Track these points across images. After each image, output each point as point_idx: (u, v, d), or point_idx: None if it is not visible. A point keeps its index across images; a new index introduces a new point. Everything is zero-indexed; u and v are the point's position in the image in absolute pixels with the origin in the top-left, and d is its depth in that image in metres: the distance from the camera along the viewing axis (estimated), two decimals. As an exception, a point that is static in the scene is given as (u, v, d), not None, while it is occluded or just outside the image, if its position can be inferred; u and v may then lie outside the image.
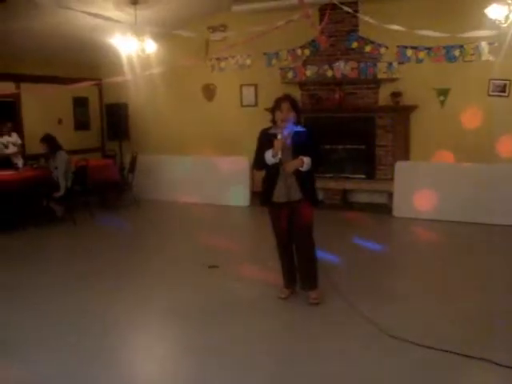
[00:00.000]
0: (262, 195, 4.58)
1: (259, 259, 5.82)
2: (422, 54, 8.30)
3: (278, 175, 4.38)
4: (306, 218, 4.44)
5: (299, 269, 4.60)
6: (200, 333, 4.08)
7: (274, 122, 4.44)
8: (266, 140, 4.39)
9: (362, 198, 8.99)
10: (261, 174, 4.64)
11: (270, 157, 4.30)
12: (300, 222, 4.44)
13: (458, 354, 3.52)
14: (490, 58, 7.91)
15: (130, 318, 4.41)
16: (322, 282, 4.60)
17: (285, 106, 4.32)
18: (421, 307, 4.49)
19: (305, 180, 4.40)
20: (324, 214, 4.67)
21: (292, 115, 4.32)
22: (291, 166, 4.30)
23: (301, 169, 4.31)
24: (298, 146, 4.35)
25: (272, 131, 4.40)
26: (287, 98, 4.40)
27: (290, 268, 4.65)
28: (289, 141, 4.36)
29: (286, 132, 4.34)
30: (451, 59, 8.13)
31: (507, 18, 6.08)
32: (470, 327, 4.03)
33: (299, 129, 4.40)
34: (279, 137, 4.24)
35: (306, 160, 4.29)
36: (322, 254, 4.63)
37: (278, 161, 4.28)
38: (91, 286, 5.18)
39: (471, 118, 8.14)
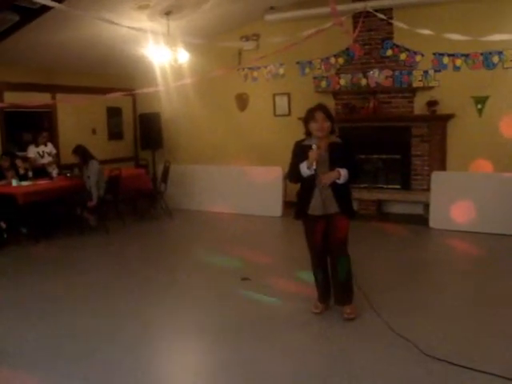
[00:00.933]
0: (297, 208, 4.48)
1: (292, 272, 5.71)
2: (458, 62, 8.11)
3: (314, 187, 4.27)
4: (341, 231, 4.32)
5: (334, 283, 4.48)
6: (233, 347, 4.00)
7: (308, 133, 4.31)
8: (300, 152, 4.27)
9: (397, 208, 8.78)
10: (294, 184, 4.54)
11: (305, 169, 4.20)
12: (335, 235, 4.33)
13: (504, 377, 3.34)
14: (531, 65, 7.69)
15: (162, 331, 4.36)
16: (356, 295, 4.46)
17: (319, 115, 4.17)
18: (460, 324, 4.30)
19: (341, 192, 4.28)
20: (358, 225, 4.56)
21: (327, 125, 4.19)
22: (328, 178, 4.18)
23: (337, 181, 4.19)
24: (335, 158, 4.23)
25: (306, 142, 4.28)
26: (321, 107, 4.25)
27: (324, 282, 4.53)
28: (326, 152, 4.24)
29: (321, 143, 4.24)
30: (490, 66, 7.93)
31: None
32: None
33: (336, 139, 4.31)
34: (314, 147, 4.12)
35: (343, 172, 4.17)
36: (356, 266, 4.48)
37: (313, 172, 4.17)
38: (121, 296, 5.17)
39: (510, 127, 7.89)
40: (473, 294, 5.06)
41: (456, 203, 7.48)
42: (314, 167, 4.13)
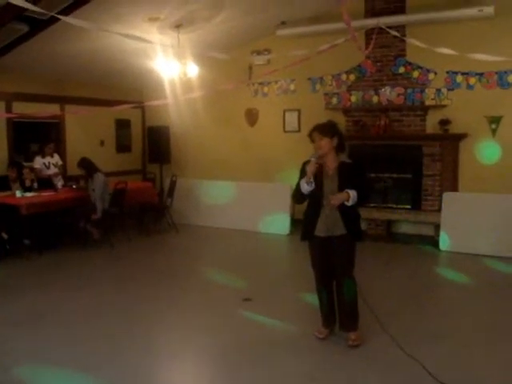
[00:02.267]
0: (303, 229, 4.33)
1: (296, 293, 5.55)
2: (472, 80, 7.96)
3: (321, 208, 4.13)
4: (347, 253, 4.17)
5: (339, 308, 4.31)
6: (232, 373, 3.84)
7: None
8: (303, 170, 4.15)
9: (407, 229, 8.58)
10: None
11: (304, 184, 4.06)
12: (342, 258, 4.17)
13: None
14: (547, 85, 7.52)
15: (159, 352, 4.20)
16: (366, 318, 4.28)
17: (315, 135, 4.13)
18: (470, 351, 4.11)
19: (349, 214, 4.13)
20: (367, 246, 4.41)
21: (324, 143, 4.07)
22: (337, 199, 4.03)
23: (346, 203, 4.03)
24: (344, 179, 4.09)
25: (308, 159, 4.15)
26: (316, 127, 4.17)
27: (329, 306, 4.35)
28: (335, 172, 4.13)
29: (327, 160, 4.13)
30: (504, 85, 7.77)
31: None
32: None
33: (346, 160, 4.18)
34: (312, 160, 4.01)
35: (352, 194, 4.01)
36: (364, 288, 4.30)
37: (311, 187, 4.02)
38: (121, 313, 5.03)
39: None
40: (485, 320, 4.88)
41: (468, 225, 7.29)
42: (311, 180, 4.00)
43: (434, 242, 7.81)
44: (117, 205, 7.87)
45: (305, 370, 3.85)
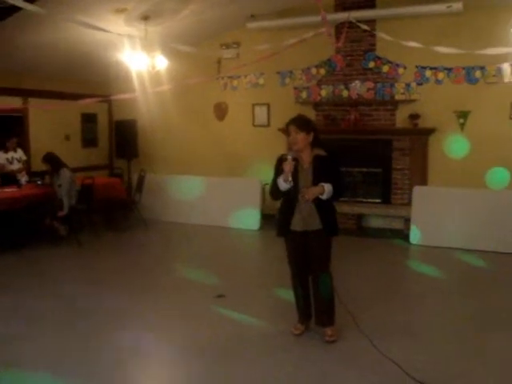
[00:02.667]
0: (279, 225, 4.25)
1: (270, 289, 5.49)
2: (441, 75, 8.03)
3: (296, 203, 4.06)
4: (324, 249, 4.13)
5: (315, 303, 4.26)
6: (207, 372, 3.75)
7: (289, 148, 4.20)
8: (280, 166, 4.06)
9: (377, 223, 8.62)
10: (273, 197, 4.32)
11: (282, 182, 4.00)
12: (318, 253, 4.12)
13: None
14: (513, 80, 7.64)
15: (132, 352, 4.08)
16: (340, 314, 4.24)
17: (291, 128, 4.06)
18: (442, 345, 4.12)
19: (324, 208, 4.08)
20: (337, 240, 4.37)
21: (300, 137, 4.01)
22: (311, 193, 3.97)
23: (321, 197, 3.99)
24: (319, 172, 4.04)
25: (284, 156, 4.08)
26: (293, 120, 4.12)
27: (305, 302, 4.30)
28: (309, 165, 4.06)
29: (303, 155, 4.08)
30: (472, 81, 7.86)
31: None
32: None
33: (320, 153, 4.10)
34: (289, 158, 3.93)
35: (327, 187, 3.97)
36: (336, 283, 4.27)
37: (290, 185, 3.97)
38: (92, 312, 4.88)
39: (492, 142, 7.82)
40: (456, 312, 4.91)
41: (437, 219, 7.37)
42: (290, 179, 3.94)
43: (404, 235, 7.87)
44: (84, 201, 7.66)
45: (283, 367, 3.78)
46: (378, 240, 7.90)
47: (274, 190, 4.16)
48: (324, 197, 3.98)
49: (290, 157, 3.95)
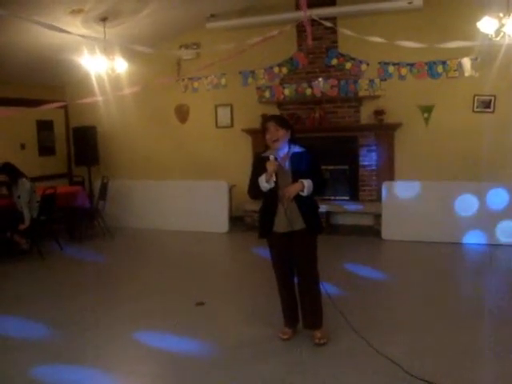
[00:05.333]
0: (261, 227, 4.12)
1: (250, 293, 5.36)
2: (404, 71, 8.05)
3: (277, 203, 3.94)
4: (309, 249, 4.02)
5: (302, 306, 4.14)
6: (195, 381, 3.58)
7: (267, 146, 4.04)
8: (259, 165, 3.96)
9: (346, 220, 8.61)
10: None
11: (264, 182, 3.87)
12: (303, 253, 4.01)
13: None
14: (474, 74, 7.74)
15: (110, 368, 3.87)
16: (328, 314, 4.15)
17: (270, 125, 3.93)
18: (431, 339, 4.09)
19: (307, 206, 3.97)
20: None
21: (281, 134, 3.91)
22: (291, 190, 3.86)
23: (301, 193, 3.87)
24: (298, 169, 3.93)
25: (265, 154, 3.98)
26: (273, 117, 4.10)
27: (291, 305, 4.18)
28: (287, 163, 3.96)
29: (281, 153, 3.96)
30: (434, 75, 7.91)
31: (498, 31, 5.88)
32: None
33: (298, 149, 4.00)
34: (272, 158, 3.83)
35: (307, 183, 3.85)
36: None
37: (272, 185, 3.85)
38: (59, 327, 4.62)
39: (456, 135, 7.93)
40: (436, 306, 4.92)
41: (407, 213, 7.40)
42: (274, 179, 3.82)
43: (374, 231, 7.88)
44: (46, 212, 7.32)
45: (274, 373, 3.66)
46: (350, 237, 7.88)
47: (254, 190, 4.03)
48: (304, 193, 3.87)
49: (272, 156, 3.85)
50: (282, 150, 3.98)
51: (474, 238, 7.04)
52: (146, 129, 9.78)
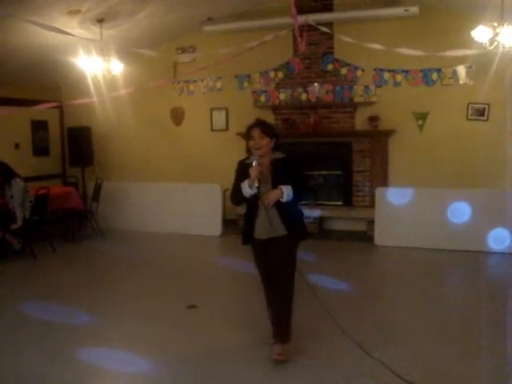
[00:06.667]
0: (243, 233, 4.02)
1: (242, 297, 5.36)
2: (399, 78, 8.12)
3: (258, 209, 3.86)
4: (287, 256, 3.88)
5: (272, 313, 3.99)
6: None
7: (248, 150, 3.94)
8: (242, 171, 3.88)
9: (340, 225, 8.61)
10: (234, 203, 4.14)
11: (246, 188, 3.78)
12: (280, 260, 3.88)
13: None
14: (468, 82, 7.80)
15: (96, 372, 3.86)
16: (319, 321, 4.15)
17: (255, 132, 3.83)
18: (422, 345, 4.10)
19: (288, 212, 3.85)
20: (300, 244, 4.31)
21: (265, 142, 3.83)
22: (270, 197, 3.76)
23: (281, 200, 3.77)
24: (278, 175, 3.84)
25: (248, 161, 3.89)
26: (258, 123, 3.92)
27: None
28: (267, 170, 3.87)
29: (263, 160, 3.85)
30: (429, 83, 7.99)
31: (492, 40, 5.92)
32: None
33: (279, 156, 3.92)
34: (254, 164, 3.74)
35: (286, 189, 3.74)
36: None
37: (255, 191, 3.76)
38: (52, 328, 4.60)
39: (450, 142, 7.97)
40: (429, 312, 4.94)
41: (401, 219, 7.43)
42: (256, 185, 3.74)
43: (367, 237, 7.89)
44: (39, 212, 7.30)
45: (272, 378, 3.66)
46: (341, 243, 7.89)
47: (236, 195, 3.94)
48: (284, 199, 3.75)
49: (255, 162, 3.76)
50: (265, 156, 3.87)
51: (466, 245, 7.06)
52: (141, 131, 9.78)
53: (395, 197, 7.53)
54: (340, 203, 8.73)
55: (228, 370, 3.81)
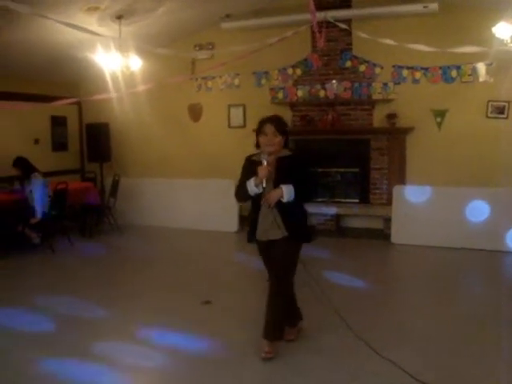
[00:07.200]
0: (248, 232, 3.97)
1: (255, 294, 5.35)
2: (418, 75, 8.03)
3: (260, 210, 3.79)
4: (285, 258, 3.82)
5: (266, 313, 3.92)
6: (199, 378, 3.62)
7: (257, 146, 3.84)
8: (249, 168, 3.81)
9: (357, 223, 8.58)
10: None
11: (252, 186, 3.68)
12: (279, 261, 3.81)
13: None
14: (488, 80, 7.69)
15: (113, 363, 3.90)
16: (326, 318, 4.13)
17: (269, 129, 3.70)
18: (435, 345, 4.07)
19: (290, 213, 3.75)
20: (317, 241, 4.24)
21: (277, 140, 3.71)
22: (271, 197, 3.67)
23: (282, 200, 3.66)
24: (282, 174, 3.73)
25: (256, 158, 3.81)
26: (272, 119, 3.77)
27: (288, 307, 4.06)
28: (272, 168, 3.74)
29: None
30: (448, 80, 7.88)
31: (514, 37, 5.83)
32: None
33: (285, 153, 3.81)
34: (264, 163, 3.64)
35: (286, 189, 3.63)
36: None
37: (261, 191, 3.67)
38: (72, 321, 4.66)
39: (469, 140, 7.88)
40: (445, 312, 4.88)
41: (418, 218, 7.37)
42: (264, 185, 3.65)
43: (384, 235, 7.85)
44: (58, 207, 7.39)
45: (279, 373, 3.66)
46: (358, 240, 7.86)
47: (241, 193, 3.83)
48: (284, 199, 3.65)
49: (265, 161, 3.66)
50: (274, 154, 3.76)
51: (484, 244, 6.98)
52: (158, 127, 9.81)
53: (413, 195, 7.48)
54: (357, 201, 8.69)
55: (238, 366, 3.82)
